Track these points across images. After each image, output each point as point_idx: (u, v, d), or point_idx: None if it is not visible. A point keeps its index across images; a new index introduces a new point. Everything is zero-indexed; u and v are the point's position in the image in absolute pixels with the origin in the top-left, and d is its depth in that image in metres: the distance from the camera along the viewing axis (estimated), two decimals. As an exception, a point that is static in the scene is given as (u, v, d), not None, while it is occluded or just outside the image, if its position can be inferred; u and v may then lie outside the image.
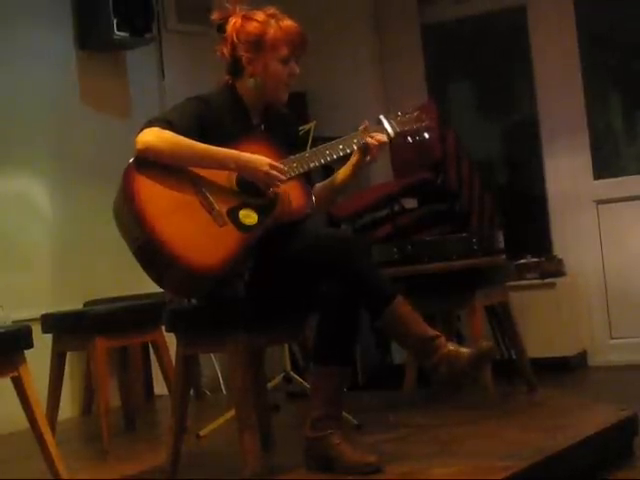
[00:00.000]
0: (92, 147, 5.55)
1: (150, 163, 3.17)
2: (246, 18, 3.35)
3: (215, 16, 3.41)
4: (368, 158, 3.42)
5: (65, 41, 5.52)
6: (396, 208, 5.42)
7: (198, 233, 3.13)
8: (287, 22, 3.35)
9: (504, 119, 6.73)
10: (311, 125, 4.48)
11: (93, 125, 5.59)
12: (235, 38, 3.34)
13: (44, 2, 5.42)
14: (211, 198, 3.20)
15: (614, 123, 6.37)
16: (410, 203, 5.65)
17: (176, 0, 6.07)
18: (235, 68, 3.38)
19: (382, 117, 3.50)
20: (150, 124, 3.21)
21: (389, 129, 3.46)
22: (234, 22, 3.35)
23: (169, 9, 6.02)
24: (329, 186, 3.54)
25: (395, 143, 3.50)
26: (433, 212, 5.40)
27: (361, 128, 3.43)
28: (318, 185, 3.55)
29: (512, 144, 6.67)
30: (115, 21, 5.36)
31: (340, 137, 3.45)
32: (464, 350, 3.16)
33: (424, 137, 3.55)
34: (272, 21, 3.34)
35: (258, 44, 3.32)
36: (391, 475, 3.13)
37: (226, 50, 3.37)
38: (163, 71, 5.94)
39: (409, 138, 3.53)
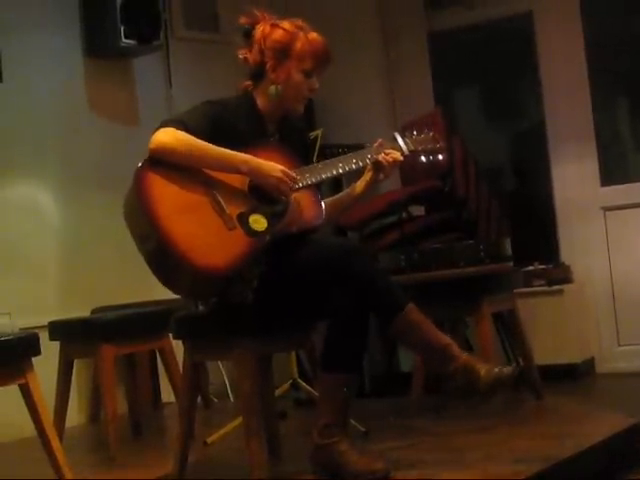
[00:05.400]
0: (99, 154, 5.56)
1: (163, 163, 3.18)
2: (274, 26, 3.39)
3: (243, 20, 3.44)
4: (382, 176, 3.45)
5: (72, 49, 5.53)
6: (403, 215, 5.43)
7: (207, 235, 3.14)
8: (314, 35, 3.39)
9: (511, 126, 6.73)
10: (318, 132, 4.49)
11: (100, 132, 5.60)
12: (262, 44, 3.36)
13: (51, 10, 5.44)
14: (222, 201, 3.21)
15: (621, 130, 6.36)
16: (418, 210, 5.66)
17: (183, 7, 6.08)
18: (258, 74, 3.41)
19: (397, 135, 3.52)
20: (165, 124, 3.22)
21: (403, 147, 3.49)
22: (262, 29, 3.38)
23: (176, 16, 6.04)
24: (344, 200, 3.56)
25: (407, 161, 3.51)
26: (440, 219, 5.41)
27: (376, 144, 3.46)
28: (327, 200, 3.56)
29: (519, 151, 6.67)
30: (122, 29, 5.37)
31: (347, 144, 3.46)
32: (482, 368, 3.12)
33: (437, 158, 3.58)
34: (300, 33, 3.37)
35: (284, 52, 3.35)
36: (398, 482, 3.13)
37: (251, 55, 3.40)
38: (170, 78, 5.95)
39: (422, 158, 3.56)
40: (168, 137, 3.18)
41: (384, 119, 6.37)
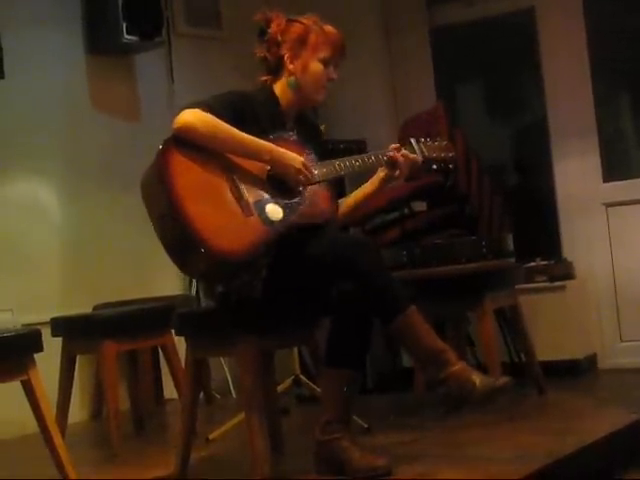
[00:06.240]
0: (101, 151, 5.55)
1: (186, 143, 3.19)
2: (290, 20, 3.47)
3: (258, 17, 3.50)
4: (397, 172, 3.47)
5: (74, 45, 5.53)
6: (405, 211, 5.42)
7: (224, 218, 3.15)
8: (329, 27, 3.48)
9: (513, 121, 6.72)
10: (321, 128, 4.48)
11: (102, 129, 5.59)
12: (279, 37, 3.44)
13: (53, 6, 5.43)
14: (241, 187, 3.23)
15: (624, 125, 6.35)
16: (420, 206, 5.65)
17: (185, 4, 6.07)
18: (275, 68, 3.46)
19: (412, 140, 3.58)
20: (190, 106, 3.24)
21: (418, 152, 3.54)
22: (278, 23, 3.46)
23: (178, 13, 6.03)
24: (357, 197, 3.60)
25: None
26: (442, 215, 5.39)
27: (392, 146, 3.51)
28: (341, 200, 3.59)
29: (521, 146, 6.66)
30: (124, 25, 5.37)
31: (349, 140, 3.48)
32: (477, 378, 3.10)
33: (449, 168, 3.62)
34: (315, 26, 3.45)
35: (301, 42, 3.42)
36: (401, 478, 3.12)
37: (268, 50, 3.46)
38: (172, 75, 5.94)
39: (434, 165, 3.61)
40: (194, 117, 3.20)
41: (386, 114, 6.36)
